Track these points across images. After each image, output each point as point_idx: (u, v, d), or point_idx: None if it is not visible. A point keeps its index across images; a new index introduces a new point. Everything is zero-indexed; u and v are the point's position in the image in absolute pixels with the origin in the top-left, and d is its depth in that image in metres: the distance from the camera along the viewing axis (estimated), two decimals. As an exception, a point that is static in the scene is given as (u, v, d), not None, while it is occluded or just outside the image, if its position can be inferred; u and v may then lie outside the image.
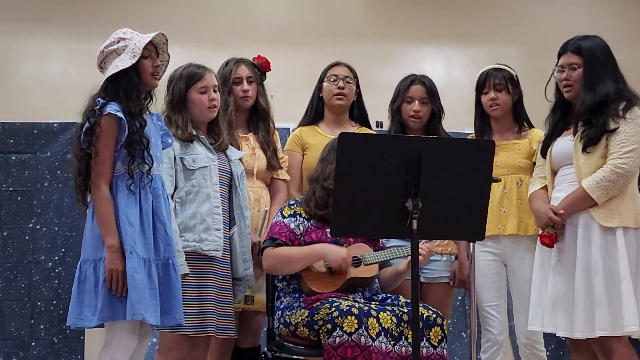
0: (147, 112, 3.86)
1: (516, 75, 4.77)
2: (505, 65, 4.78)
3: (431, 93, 4.83)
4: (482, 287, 4.64)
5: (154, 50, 3.83)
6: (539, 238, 4.23)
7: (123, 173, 3.67)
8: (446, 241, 4.35)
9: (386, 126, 5.09)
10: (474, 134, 4.86)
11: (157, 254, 3.69)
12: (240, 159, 4.47)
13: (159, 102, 4.05)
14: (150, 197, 3.72)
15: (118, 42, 3.74)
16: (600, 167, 4.08)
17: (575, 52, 4.22)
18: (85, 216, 3.77)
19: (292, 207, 4.37)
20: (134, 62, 3.69)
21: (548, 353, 4.82)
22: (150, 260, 3.65)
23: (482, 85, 4.75)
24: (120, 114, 3.63)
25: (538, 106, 4.75)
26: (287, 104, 5.90)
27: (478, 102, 4.79)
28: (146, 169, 3.70)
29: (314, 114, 4.96)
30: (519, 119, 4.79)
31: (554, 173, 4.31)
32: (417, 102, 4.80)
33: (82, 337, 6.29)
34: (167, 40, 3.88)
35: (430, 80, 4.88)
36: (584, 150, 4.13)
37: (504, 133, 4.77)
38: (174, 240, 3.79)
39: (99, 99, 3.68)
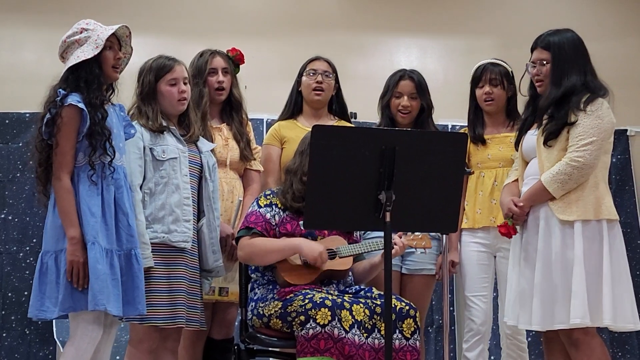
0: (109, 103, 3.86)
1: (511, 72, 4.79)
2: (501, 61, 4.81)
3: (420, 88, 4.86)
4: (469, 277, 4.69)
5: (117, 42, 3.84)
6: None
7: (84, 164, 3.68)
8: (420, 235, 4.37)
9: (361, 117, 5.09)
10: (465, 127, 4.91)
11: (119, 245, 3.71)
12: (212, 150, 4.45)
13: (125, 94, 4.04)
14: (113, 188, 3.74)
15: (81, 32, 3.76)
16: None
17: (544, 47, 4.25)
18: (46, 207, 3.76)
19: (268, 197, 4.36)
20: (96, 53, 3.70)
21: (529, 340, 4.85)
22: (112, 250, 3.67)
23: (478, 78, 4.79)
24: (81, 105, 3.64)
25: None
26: (261, 94, 5.89)
27: (472, 95, 4.82)
28: (108, 160, 3.71)
29: (293, 108, 4.96)
30: (512, 115, 4.83)
31: (526, 166, 4.34)
32: (406, 97, 4.83)
33: (53, 329, 6.25)
34: (130, 33, 3.87)
35: (420, 75, 4.91)
36: (545, 144, 4.15)
37: (497, 126, 4.82)
38: (136, 231, 3.80)
39: (60, 89, 3.68)
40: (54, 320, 6.08)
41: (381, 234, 3.54)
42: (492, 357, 6.00)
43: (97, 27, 3.76)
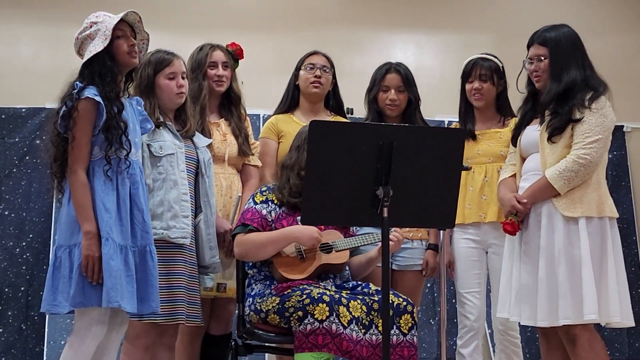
0: (127, 96, 3.84)
1: (502, 67, 4.78)
2: (492, 56, 4.80)
3: (407, 81, 4.83)
4: (462, 273, 4.68)
5: (130, 29, 3.81)
6: (502, 226, 4.27)
7: (100, 158, 3.65)
8: (416, 227, 4.38)
9: (358, 113, 5.08)
10: (457, 122, 4.90)
11: (134, 241, 3.68)
12: (210, 145, 4.44)
13: None
14: (128, 183, 3.70)
15: (90, 26, 3.73)
16: (564, 157, 4.11)
17: (541, 43, 4.26)
18: (60, 203, 3.74)
19: (264, 193, 4.35)
20: (105, 44, 3.68)
21: (523, 342, 4.85)
22: (127, 247, 3.64)
23: (468, 73, 4.77)
24: (98, 98, 3.61)
25: (509, 93, 4.78)
26: (257, 90, 5.89)
27: (463, 90, 4.81)
28: (124, 154, 3.68)
29: (290, 102, 4.95)
30: (502, 110, 4.82)
31: (523, 161, 4.34)
32: (393, 90, 4.80)
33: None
34: (141, 18, 3.85)
35: (407, 68, 4.88)
36: (549, 139, 4.15)
37: (487, 122, 4.81)
38: (151, 228, 3.77)
39: (77, 82, 3.66)
40: (46, 317, 6.09)
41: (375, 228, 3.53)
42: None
43: (106, 18, 3.73)
